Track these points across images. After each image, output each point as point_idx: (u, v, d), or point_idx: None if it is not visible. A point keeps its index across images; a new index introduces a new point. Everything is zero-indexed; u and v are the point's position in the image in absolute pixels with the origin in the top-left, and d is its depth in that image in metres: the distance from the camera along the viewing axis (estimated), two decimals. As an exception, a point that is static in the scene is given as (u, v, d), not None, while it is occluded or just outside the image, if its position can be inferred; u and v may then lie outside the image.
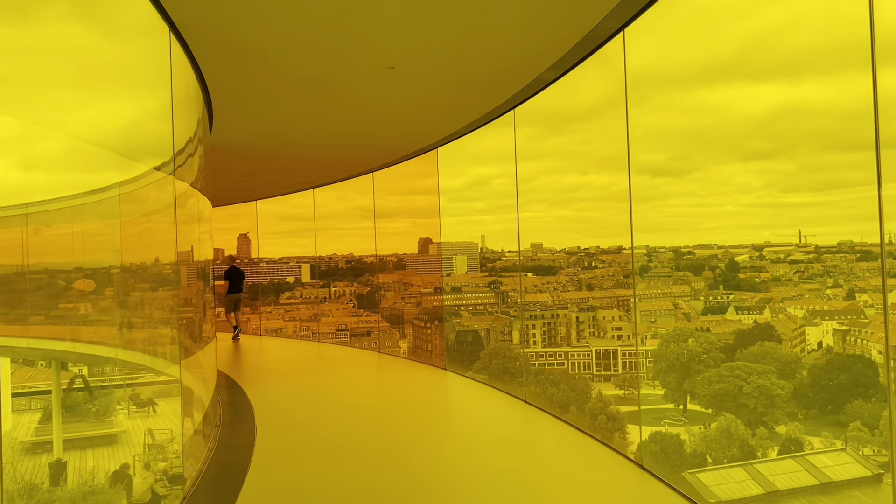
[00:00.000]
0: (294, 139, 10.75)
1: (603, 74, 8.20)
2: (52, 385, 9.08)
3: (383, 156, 13.18)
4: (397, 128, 10.48)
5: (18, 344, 7.81)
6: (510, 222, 10.80)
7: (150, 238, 6.78)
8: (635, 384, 28.28)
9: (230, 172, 14.10)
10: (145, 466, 7.13)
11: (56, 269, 7.70)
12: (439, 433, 7.67)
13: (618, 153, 8.52)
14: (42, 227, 7.87)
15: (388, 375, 12.29)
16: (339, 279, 31.44)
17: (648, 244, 33.77)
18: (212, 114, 8.59)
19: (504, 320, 28.98)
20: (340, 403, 9.24)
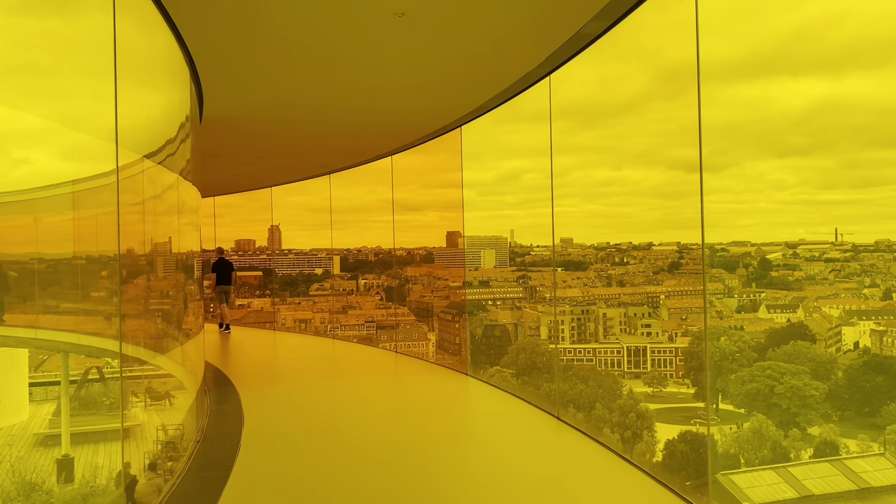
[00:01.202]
0: (299, 113, 9.59)
1: (641, 69, 7.99)
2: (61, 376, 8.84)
3: (400, 135, 11.93)
4: (413, 99, 9.16)
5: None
6: (540, 217, 10.35)
7: (107, 230, 6.53)
8: (664, 382, 27.96)
9: (238, 152, 13.06)
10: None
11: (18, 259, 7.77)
12: (455, 463, 6.31)
13: (653, 147, 8.07)
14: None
15: (403, 382, 10.75)
16: (368, 271, 31.51)
17: (680, 240, 33.39)
18: (200, 87, 7.78)
19: (532, 315, 28.80)
20: (342, 417, 7.91)
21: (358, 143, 12.73)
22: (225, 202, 20.03)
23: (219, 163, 14.16)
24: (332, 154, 13.89)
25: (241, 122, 10.14)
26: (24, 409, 9.40)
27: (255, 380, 10.43)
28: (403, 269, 31.19)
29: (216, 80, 7.77)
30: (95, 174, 5.89)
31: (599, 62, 33.59)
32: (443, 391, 9.54)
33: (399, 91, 8.73)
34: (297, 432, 7.07)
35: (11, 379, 9.39)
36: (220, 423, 7.45)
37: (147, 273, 6.01)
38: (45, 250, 8.54)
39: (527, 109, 11.02)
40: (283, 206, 20.71)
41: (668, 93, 37.63)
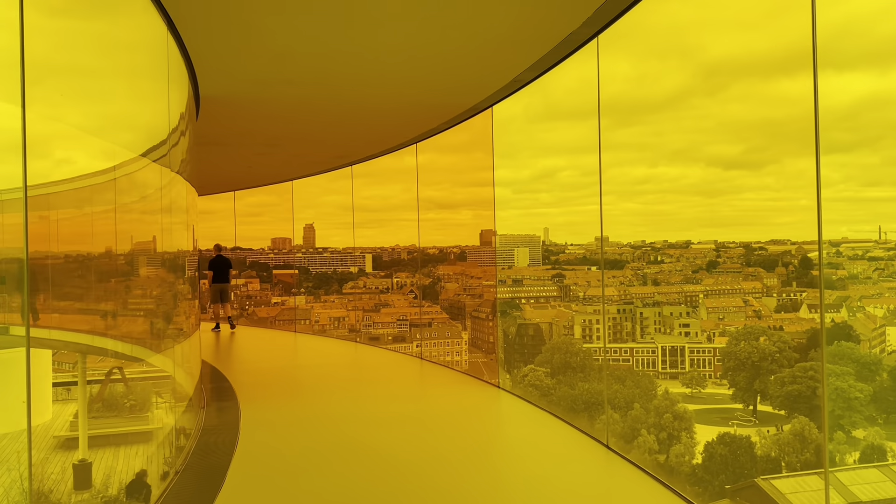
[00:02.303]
0: (306, 90, 8.40)
1: (680, 65, 7.75)
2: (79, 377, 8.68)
3: (425, 117, 10.35)
4: (437, 69, 7.74)
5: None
6: (576, 215, 10.03)
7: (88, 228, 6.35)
8: (703, 382, 27.50)
9: (246, 139, 11.87)
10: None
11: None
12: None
13: (691, 144, 7.80)
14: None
15: (426, 395, 9.27)
16: (401, 270, 31.53)
17: (717, 238, 32.79)
18: (190, 60, 6.92)
19: (566, 314, 28.54)
20: (351, 441, 6.62)
21: (378, 128, 11.34)
22: (259, 201, 20.03)
23: (227, 152, 13.15)
24: (350, 141, 12.46)
25: (242, 102, 8.91)
26: (46, 409, 9.28)
27: (261, 390, 9.24)
28: (436, 268, 31.14)
29: (204, 46, 6.59)
30: (86, 173, 5.75)
31: (638, 59, 33.21)
32: (472, 408, 8.18)
33: (420, 58, 7.34)
34: (295, 456, 6.06)
35: (34, 378, 9.40)
36: (209, 445, 6.49)
37: (125, 273, 5.78)
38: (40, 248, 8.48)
39: (565, 106, 10.71)
40: (318, 204, 20.76)
41: (708, 89, 37.05)
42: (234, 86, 8.16)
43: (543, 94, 38.57)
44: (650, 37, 25.87)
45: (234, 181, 18.10)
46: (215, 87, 7.99)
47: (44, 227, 8.46)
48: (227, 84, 8.05)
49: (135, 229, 6.20)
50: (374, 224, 29.41)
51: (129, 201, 6.16)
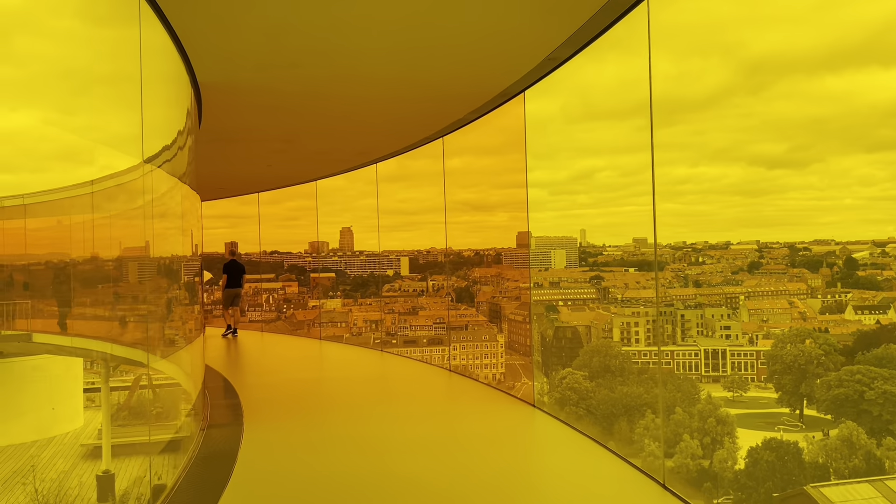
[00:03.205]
0: (310, 72, 7.61)
1: (722, 63, 7.55)
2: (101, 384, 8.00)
3: (451, 105, 9.52)
4: (457, 46, 6.96)
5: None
6: (614, 216, 9.53)
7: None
8: (745, 386, 26.97)
9: (258, 135, 11.28)
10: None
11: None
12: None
13: (733, 143, 7.48)
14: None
15: (453, 416, 8.31)
16: (438, 272, 31.49)
17: (759, 239, 32.17)
18: (182, 45, 6.46)
19: (605, 317, 28.21)
20: (356, 472, 5.82)
21: (398, 120, 10.45)
22: (297, 205, 20.04)
23: (242, 150, 12.50)
24: (370, 135, 11.78)
25: (246, 90, 8.26)
26: (78, 416, 8.80)
27: (272, 408, 8.39)
28: (472, 270, 31.05)
29: (191, 26, 5.98)
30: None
31: (679, 57, 32.70)
32: (504, 433, 7.15)
33: (438, 33, 6.47)
34: (295, 491, 5.18)
35: (66, 386, 8.75)
36: (204, 470, 5.62)
37: (109, 279, 5.56)
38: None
39: (604, 106, 10.45)
40: (355, 208, 20.78)
41: (751, 87, 36.34)
42: (233, 72, 7.47)
43: (582, 94, 38.30)
44: (691, 34, 25.43)
45: (257, 182, 17.72)
46: (212, 73, 7.41)
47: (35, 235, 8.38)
48: (225, 70, 7.42)
49: (127, 235, 6.04)
50: (410, 227, 29.43)
51: (125, 208, 6.05)
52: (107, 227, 6.23)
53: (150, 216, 6.07)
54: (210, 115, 9.08)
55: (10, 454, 7.80)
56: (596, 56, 31.94)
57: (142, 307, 6.39)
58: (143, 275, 6.53)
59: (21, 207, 8.25)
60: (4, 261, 8.19)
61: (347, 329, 29.75)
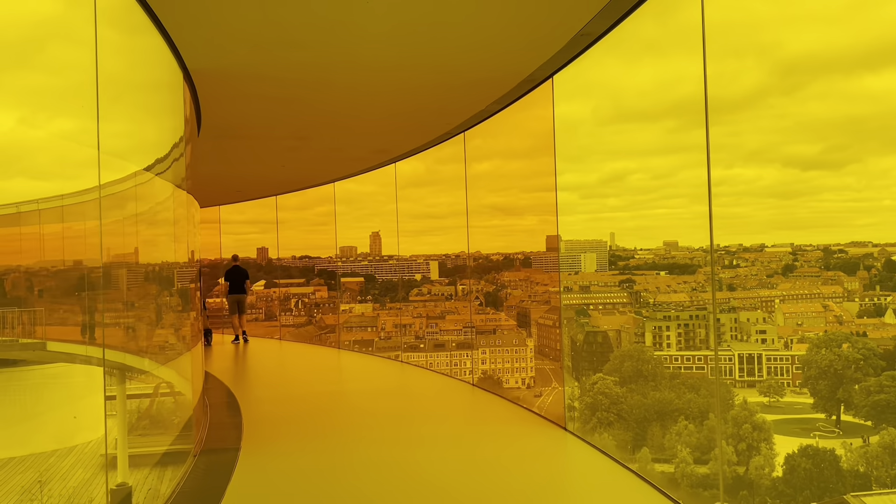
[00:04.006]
0: (313, 53, 6.62)
1: (757, 63, 7.39)
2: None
3: (473, 94, 8.29)
4: (476, 19, 5.88)
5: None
6: (645, 219, 9.16)
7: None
8: (781, 391, 26.46)
9: (268, 130, 10.34)
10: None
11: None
12: None
13: (768, 145, 7.24)
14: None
15: (474, 440, 7.27)
16: (466, 276, 31.41)
17: (794, 241, 31.60)
18: (164, 28, 5.82)
19: (637, 321, 27.89)
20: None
21: (416, 111, 9.40)
22: (328, 210, 20.08)
23: (251, 148, 11.63)
24: (387, 130, 10.83)
25: (244, 77, 7.28)
26: (98, 425, 8.56)
27: (276, 428, 7.61)
28: (500, 274, 30.92)
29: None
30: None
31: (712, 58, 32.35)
32: (534, 464, 6.26)
33: (452, 2, 5.48)
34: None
35: (88, 394, 8.15)
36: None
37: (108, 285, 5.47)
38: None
39: (636, 108, 10.25)
40: (383, 213, 20.82)
41: (786, 87, 35.76)
42: (225, 55, 6.48)
43: (613, 96, 38.03)
44: (726, 35, 25.12)
45: (275, 184, 17.24)
46: (203, 57, 6.36)
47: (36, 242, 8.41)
48: (217, 52, 6.36)
49: (119, 242, 6.00)
50: (439, 231, 29.36)
51: (128, 215, 6.01)
52: (117, 234, 6.22)
53: (152, 224, 6.07)
54: (210, 110, 8.31)
55: (31, 464, 7.60)
56: (628, 57, 31.55)
57: (131, 315, 6.32)
58: (133, 282, 6.50)
59: (35, 213, 8.23)
60: (20, 267, 8.23)
61: (376, 333, 29.81)
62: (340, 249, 28.65)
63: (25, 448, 7.71)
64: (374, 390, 10.37)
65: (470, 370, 26.11)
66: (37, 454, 7.68)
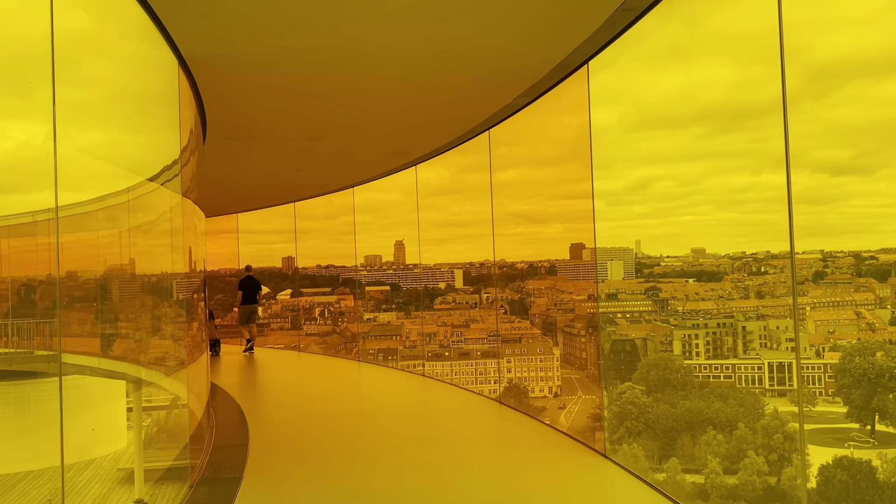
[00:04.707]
0: (316, 37, 5.91)
1: (787, 68, 7.25)
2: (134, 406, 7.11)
3: (498, 85, 7.44)
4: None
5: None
6: (672, 226, 8.86)
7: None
8: (813, 400, 25.98)
9: (277, 129, 9.65)
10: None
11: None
12: None
13: (797, 150, 7.00)
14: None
15: (504, 469, 6.46)
16: (491, 285, 31.33)
17: (823, 248, 31.12)
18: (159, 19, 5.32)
19: (663, 329, 27.59)
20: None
21: (433, 107, 8.57)
22: (353, 220, 20.14)
23: (262, 150, 11.06)
24: (403, 130, 10.07)
25: (246, 67, 6.56)
26: (121, 437, 8.03)
27: (285, 453, 6.93)
28: (525, 282, 30.80)
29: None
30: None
31: (740, 63, 32.12)
32: (572, 499, 5.48)
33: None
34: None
35: (108, 405, 8.12)
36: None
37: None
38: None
39: (662, 115, 10.06)
40: (408, 222, 20.85)
41: (816, 92, 35.27)
42: (223, 41, 5.84)
43: (640, 103, 37.84)
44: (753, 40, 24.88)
45: (291, 190, 16.69)
46: (199, 43, 5.75)
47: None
48: (213, 37, 5.74)
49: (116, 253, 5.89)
50: (464, 239, 29.34)
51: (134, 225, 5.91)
52: (128, 244, 6.16)
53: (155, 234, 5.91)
54: (214, 107, 7.82)
55: (49, 477, 7.21)
56: (655, 64, 31.39)
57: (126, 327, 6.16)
58: (124, 293, 6.39)
59: (51, 221, 8.23)
60: (35, 278, 8.21)
61: (400, 342, 29.82)
62: (365, 258, 28.74)
63: (45, 461, 7.61)
64: (394, 409, 9.75)
65: (496, 379, 26.01)
66: (55, 467, 7.56)
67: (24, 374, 8.29)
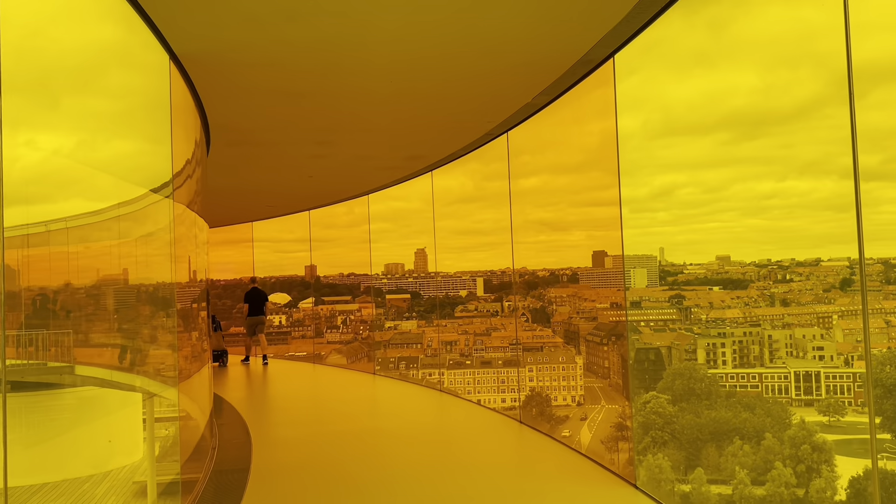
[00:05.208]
0: (317, 27, 5.45)
1: (813, 73, 7.12)
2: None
3: (517, 81, 6.94)
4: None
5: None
6: (696, 233, 8.73)
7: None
8: (841, 410, 25.49)
9: (284, 133, 9.18)
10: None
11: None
12: None
13: (824, 156, 6.84)
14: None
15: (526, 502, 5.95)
16: (513, 293, 31.21)
17: (851, 255, 30.63)
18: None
19: (688, 338, 27.26)
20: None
21: (448, 107, 8.04)
22: (375, 228, 20.12)
23: (271, 155, 10.65)
24: (418, 131, 9.48)
25: (245, 65, 6.07)
26: (137, 449, 7.81)
27: (286, 480, 6.48)
28: (547, 290, 30.62)
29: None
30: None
31: (765, 68, 31.80)
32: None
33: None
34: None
35: (124, 416, 7.94)
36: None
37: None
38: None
39: (686, 121, 9.86)
40: (429, 230, 20.82)
41: (844, 97, 34.80)
42: (216, 33, 5.33)
43: (664, 109, 37.60)
44: (779, 45, 24.65)
45: (306, 197, 16.52)
46: (189, 37, 5.23)
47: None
48: (205, 28, 5.21)
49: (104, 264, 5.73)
50: (485, 247, 29.24)
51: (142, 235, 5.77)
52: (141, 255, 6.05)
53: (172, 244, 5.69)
54: (216, 111, 7.42)
55: (64, 490, 7.05)
56: (678, 70, 31.20)
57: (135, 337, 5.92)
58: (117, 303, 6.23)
59: (63, 231, 8.16)
60: (48, 288, 8.16)
61: (421, 350, 29.77)
62: (386, 266, 28.75)
63: (60, 474, 7.27)
64: (409, 429, 9.27)
65: (516, 388, 25.82)
66: (71, 480, 7.13)
67: (38, 386, 8.24)
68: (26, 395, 8.20)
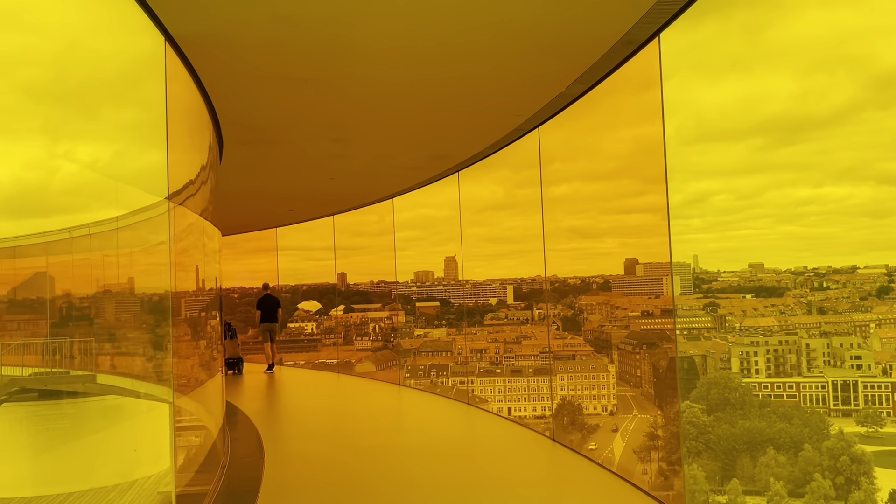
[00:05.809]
0: (322, 3, 4.82)
1: (849, 78, 6.93)
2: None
3: (549, 73, 6.28)
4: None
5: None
6: (729, 240, 8.26)
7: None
8: (880, 421, 24.92)
9: (294, 130, 8.57)
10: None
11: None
12: None
13: (861, 162, 6.59)
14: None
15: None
16: (543, 300, 31.07)
17: (889, 263, 29.95)
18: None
19: (722, 346, 26.91)
20: None
21: (475, 96, 7.15)
22: (405, 236, 20.01)
23: (286, 154, 10.06)
24: (439, 122, 8.54)
25: (247, 47, 5.40)
26: (163, 458, 7.91)
27: (302, 497, 6.06)
28: (577, 298, 30.42)
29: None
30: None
31: (802, 74, 31.31)
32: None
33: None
34: None
35: (150, 425, 7.54)
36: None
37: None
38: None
39: (719, 127, 9.74)
40: (459, 238, 20.76)
41: (881, 101, 34.17)
42: (212, 10, 4.73)
43: (697, 115, 37.17)
44: (816, 50, 24.34)
45: (329, 202, 15.65)
46: (184, 14, 4.69)
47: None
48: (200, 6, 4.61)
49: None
50: (516, 255, 29.22)
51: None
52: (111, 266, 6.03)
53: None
54: (222, 105, 6.88)
55: (89, 500, 6.88)
56: (712, 76, 30.84)
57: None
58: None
59: (86, 238, 8.07)
60: (71, 296, 8.16)
61: (451, 358, 29.75)
62: (415, 274, 28.82)
63: (85, 483, 7.21)
64: (433, 446, 8.63)
65: (548, 395, 25.65)
66: (97, 489, 7.14)
67: (61, 394, 8.19)
68: (52, 404, 8.27)
